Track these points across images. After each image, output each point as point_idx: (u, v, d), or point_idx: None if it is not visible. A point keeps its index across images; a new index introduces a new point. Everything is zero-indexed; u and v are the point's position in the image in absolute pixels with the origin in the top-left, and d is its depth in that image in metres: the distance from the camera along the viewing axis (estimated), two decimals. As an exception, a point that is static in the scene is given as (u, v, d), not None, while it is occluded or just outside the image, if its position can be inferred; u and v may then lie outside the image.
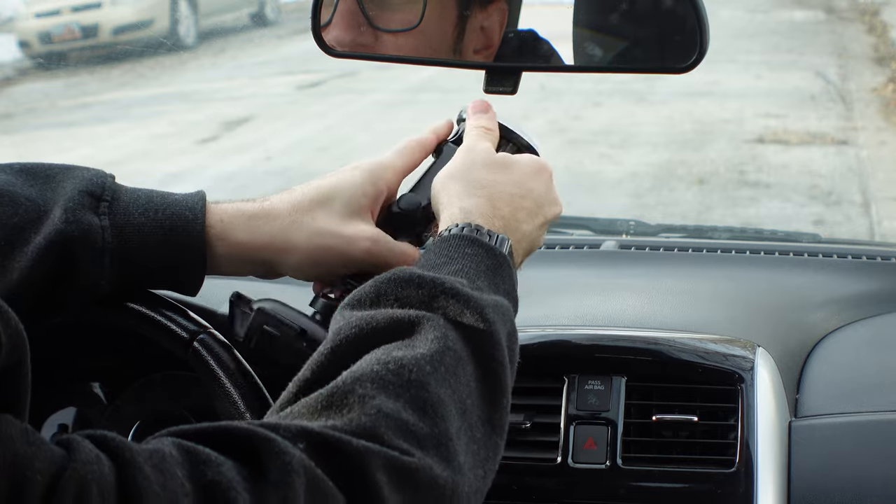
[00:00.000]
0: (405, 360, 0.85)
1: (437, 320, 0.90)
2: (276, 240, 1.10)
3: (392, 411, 0.82)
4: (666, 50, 1.13)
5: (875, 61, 8.54)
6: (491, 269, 0.98)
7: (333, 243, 1.10)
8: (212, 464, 0.74)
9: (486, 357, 0.90)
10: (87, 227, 1.06)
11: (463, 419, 0.86)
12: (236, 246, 1.10)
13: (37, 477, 0.66)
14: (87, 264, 1.06)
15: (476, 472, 0.86)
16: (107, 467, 0.69)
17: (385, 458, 0.79)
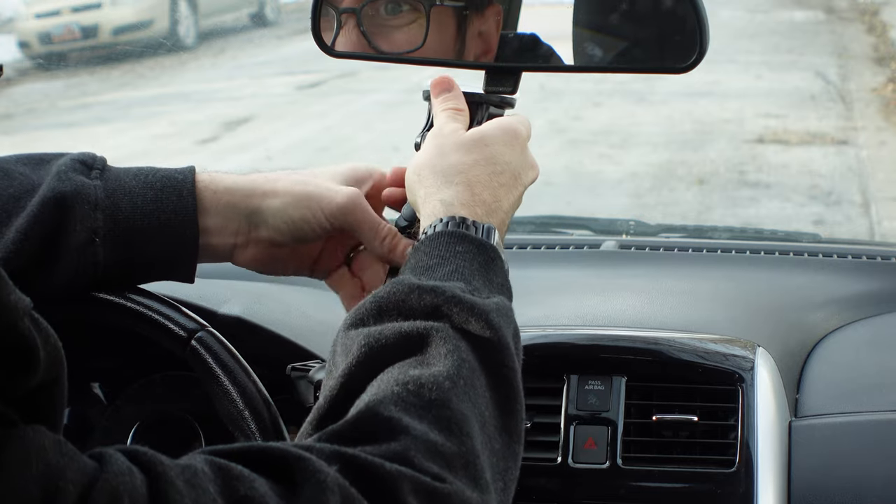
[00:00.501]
0: (423, 379, 0.85)
1: (445, 331, 0.89)
2: (260, 186, 1.13)
3: (419, 433, 0.81)
4: (666, 50, 1.13)
5: (875, 61, 8.54)
6: (483, 265, 0.97)
7: (315, 191, 1.12)
8: (244, 480, 0.73)
9: (497, 364, 0.90)
10: (80, 185, 1.09)
11: (484, 432, 0.86)
12: (224, 193, 1.12)
13: (69, 487, 0.65)
14: (82, 218, 1.09)
15: (496, 486, 0.86)
16: (139, 480, 0.69)
17: (417, 483, 0.79)
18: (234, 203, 1.13)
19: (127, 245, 1.11)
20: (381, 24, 1.14)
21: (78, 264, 1.10)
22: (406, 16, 1.13)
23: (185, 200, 1.11)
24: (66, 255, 1.09)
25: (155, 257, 1.12)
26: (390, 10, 1.13)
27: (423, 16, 1.13)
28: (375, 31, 1.14)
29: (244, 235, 1.14)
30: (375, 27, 1.14)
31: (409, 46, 1.15)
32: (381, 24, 1.14)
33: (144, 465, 0.71)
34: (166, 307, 1.17)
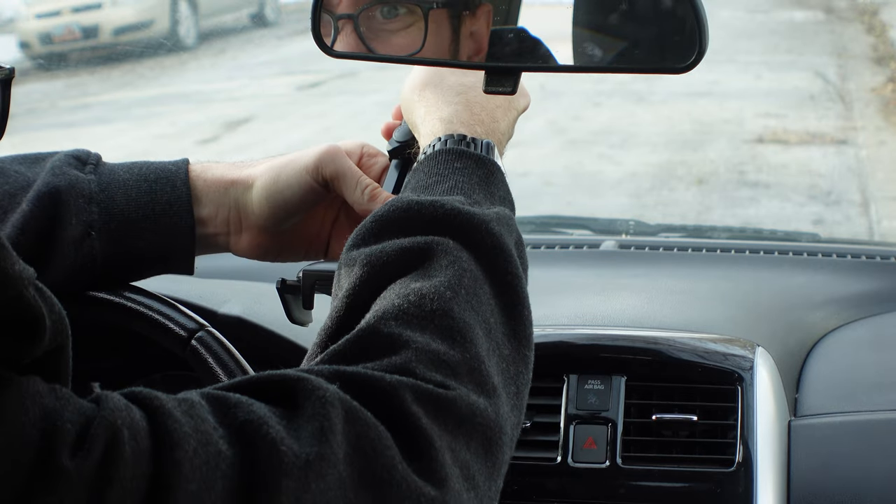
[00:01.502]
0: (424, 290, 0.85)
1: (446, 243, 0.89)
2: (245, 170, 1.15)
3: (421, 344, 0.82)
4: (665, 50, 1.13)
5: (874, 61, 8.53)
6: (484, 179, 0.97)
7: (293, 157, 1.14)
8: (243, 405, 0.74)
9: (500, 271, 0.90)
10: (74, 179, 1.11)
11: (490, 339, 0.86)
12: (213, 182, 1.14)
13: (67, 426, 0.66)
14: (77, 212, 1.10)
15: (509, 390, 0.86)
16: (137, 414, 0.70)
17: (420, 391, 0.79)
18: (222, 190, 1.14)
19: (123, 237, 1.12)
20: (378, 28, 1.14)
21: (76, 259, 1.10)
22: (403, 19, 1.13)
23: (178, 191, 1.12)
24: (62, 249, 1.10)
25: (151, 249, 1.13)
26: (387, 14, 1.13)
27: (421, 19, 1.13)
28: (373, 35, 1.15)
29: (236, 223, 1.15)
30: (373, 31, 1.15)
31: (408, 50, 1.15)
32: (378, 28, 1.14)
33: (141, 401, 0.71)
34: (166, 307, 1.17)
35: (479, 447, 0.81)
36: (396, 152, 1.13)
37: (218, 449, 0.71)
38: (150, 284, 1.19)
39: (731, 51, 8.30)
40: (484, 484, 0.81)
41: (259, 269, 1.64)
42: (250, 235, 1.15)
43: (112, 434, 0.68)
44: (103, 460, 0.67)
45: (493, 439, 0.82)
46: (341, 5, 1.14)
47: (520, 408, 0.88)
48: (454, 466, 0.79)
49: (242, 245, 1.16)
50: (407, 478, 0.75)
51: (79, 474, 0.65)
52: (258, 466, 0.71)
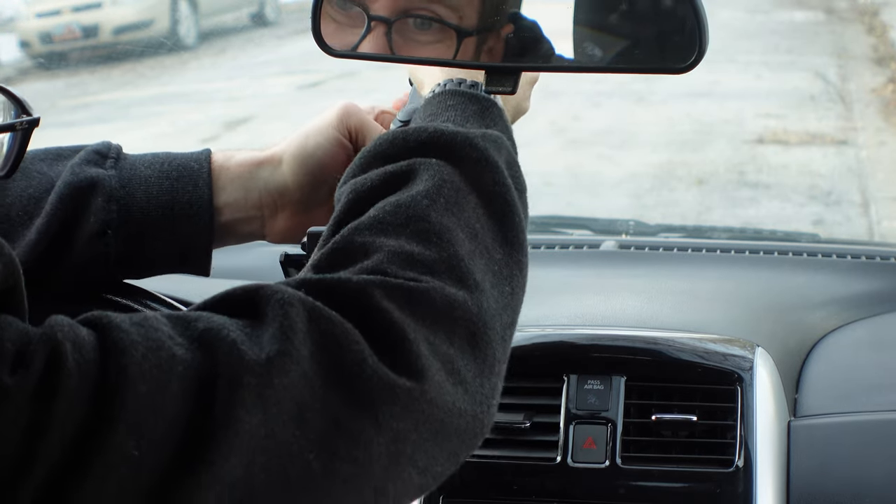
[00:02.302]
0: (401, 201, 0.85)
1: (427, 162, 0.88)
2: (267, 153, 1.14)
3: (394, 247, 0.81)
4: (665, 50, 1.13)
5: (875, 62, 8.53)
6: (478, 112, 0.97)
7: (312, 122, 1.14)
8: (202, 318, 0.73)
9: (486, 182, 0.89)
10: (94, 177, 1.10)
11: (475, 242, 0.85)
12: (237, 167, 1.13)
13: (6, 345, 0.66)
14: (96, 211, 1.09)
15: (502, 290, 0.85)
16: (84, 331, 0.70)
17: (389, 287, 0.78)
18: (248, 175, 1.13)
19: (140, 236, 1.11)
20: (409, 36, 1.14)
21: (89, 256, 1.10)
22: (435, 33, 1.14)
23: (200, 190, 1.12)
24: (77, 246, 1.10)
25: (168, 249, 1.12)
26: (420, 25, 1.14)
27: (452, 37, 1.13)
28: (402, 41, 1.15)
29: (270, 205, 1.14)
30: (403, 38, 1.15)
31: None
32: (409, 36, 1.14)
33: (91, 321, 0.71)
34: (171, 310, 1.17)
35: (464, 342, 0.80)
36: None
37: (172, 353, 0.70)
38: (153, 285, 1.19)
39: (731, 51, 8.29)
40: (474, 380, 0.80)
41: (261, 268, 1.64)
42: (287, 215, 1.14)
43: (53, 348, 0.67)
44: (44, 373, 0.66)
45: (478, 334, 0.81)
46: (378, 5, 1.14)
47: (513, 307, 0.87)
48: (433, 359, 0.77)
49: (278, 228, 1.15)
50: (378, 371, 0.74)
51: (19, 389, 0.65)
52: (218, 367, 0.70)
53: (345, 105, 1.13)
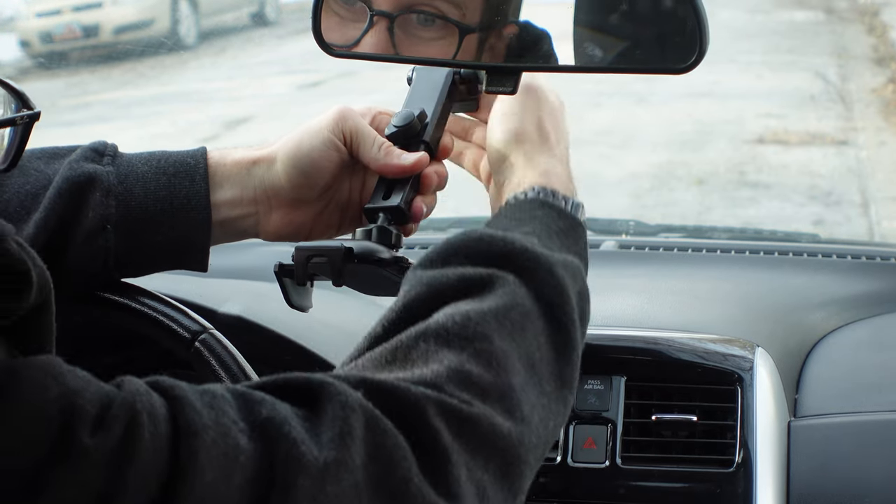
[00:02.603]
0: (471, 314, 0.86)
1: (506, 277, 0.90)
2: (263, 150, 1.14)
3: (454, 363, 0.82)
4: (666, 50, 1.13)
5: (875, 62, 8.53)
6: (563, 231, 0.98)
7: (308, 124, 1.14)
8: (266, 403, 0.74)
9: (557, 313, 0.91)
10: (92, 172, 1.11)
11: (531, 372, 0.86)
12: (233, 165, 1.14)
13: (87, 407, 0.67)
14: (94, 206, 1.10)
15: (546, 425, 0.86)
16: (157, 401, 0.70)
17: (443, 406, 0.79)
18: (245, 172, 1.14)
19: (139, 231, 1.11)
20: (412, 32, 1.14)
21: (89, 252, 1.11)
22: (437, 30, 1.14)
23: (197, 185, 1.12)
24: (76, 243, 1.10)
25: (168, 244, 1.13)
26: (423, 21, 1.14)
27: (454, 34, 1.13)
28: (404, 37, 1.15)
29: (264, 203, 1.14)
30: (405, 34, 1.15)
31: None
32: (412, 32, 1.14)
33: (163, 389, 0.72)
34: (171, 309, 1.17)
35: (498, 470, 0.82)
36: (394, 137, 1.13)
37: (237, 442, 0.71)
38: (152, 284, 1.19)
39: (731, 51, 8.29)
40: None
41: (258, 268, 1.63)
42: (281, 213, 1.14)
43: (131, 417, 0.68)
44: (123, 440, 0.67)
45: (513, 465, 0.83)
46: (381, 0, 1.14)
47: (550, 442, 0.89)
48: (469, 484, 0.79)
49: (273, 225, 1.15)
50: (422, 490, 0.76)
51: (98, 452, 0.66)
52: (276, 463, 0.71)
53: (341, 109, 1.14)
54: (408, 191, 1.09)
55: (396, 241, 1.07)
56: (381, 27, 1.14)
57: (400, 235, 1.07)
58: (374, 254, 1.03)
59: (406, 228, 1.09)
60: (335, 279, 1.02)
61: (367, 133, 1.12)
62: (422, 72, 1.16)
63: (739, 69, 8.00)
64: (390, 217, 1.08)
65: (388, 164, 1.10)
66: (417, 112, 1.13)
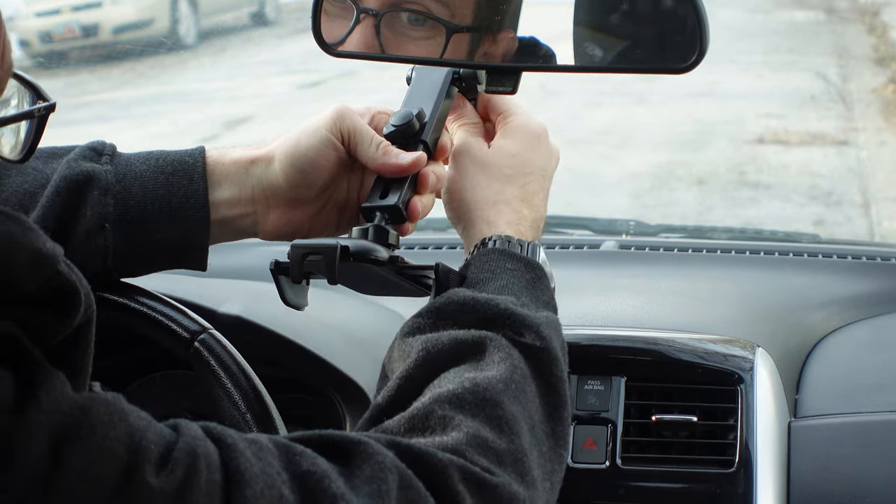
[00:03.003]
0: (479, 380, 0.90)
1: (499, 340, 0.94)
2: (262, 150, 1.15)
3: (471, 429, 0.86)
4: (666, 50, 1.13)
5: (875, 62, 8.53)
6: (531, 282, 1.02)
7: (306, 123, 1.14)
8: (307, 456, 0.78)
9: (547, 373, 0.95)
10: (91, 171, 1.11)
11: (532, 434, 0.91)
12: (231, 165, 1.14)
13: (151, 447, 0.70)
14: (93, 204, 1.10)
15: (545, 485, 0.91)
16: (211, 447, 0.74)
17: (468, 473, 0.83)
18: (243, 171, 1.13)
19: (138, 230, 1.11)
20: (400, 30, 1.14)
21: (87, 251, 1.10)
22: (426, 30, 1.14)
23: (196, 184, 1.12)
24: (74, 241, 1.10)
25: (166, 242, 1.12)
26: (413, 21, 1.14)
27: (443, 35, 1.13)
28: (392, 35, 1.14)
29: (262, 202, 1.14)
30: (393, 32, 1.15)
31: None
32: (400, 30, 1.14)
33: (215, 436, 0.75)
34: (170, 308, 1.17)
35: None
36: (393, 136, 1.12)
37: (281, 493, 0.74)
38: (151, 283, 1.19)
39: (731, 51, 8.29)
40: None
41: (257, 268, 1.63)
42: (279, 212, 1.14)
43: (191, 461, 0.71)
44: (184, 483, 0.70)
45: None
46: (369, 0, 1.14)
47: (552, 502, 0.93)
48: None
49: (271, 224, 1.14)
50: None
51: (162, 492, 0.69)
52: None
53: (339, 108, 1.13)
54: (405, 190, 1.09)
55: (393, 240, 1.06)
56: (367, 25, 1.14)
57: (397, 235, 1.07)
58: (370, 252, 1.03)
59: (403, 228, 1.09)
60: (330, 277, 1.02)
61: (364, 132, 1.12)
62: (421, 71, 1.16)
63: (740, 69, 8.00)
64: (387, 216, 1.08)
65: (386, 163, 1.10)
66: (416, 111, 1.12)
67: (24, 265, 0.69)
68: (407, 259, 1.04)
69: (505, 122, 1.14)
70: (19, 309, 0.69)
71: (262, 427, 1.12)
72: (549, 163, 1.13)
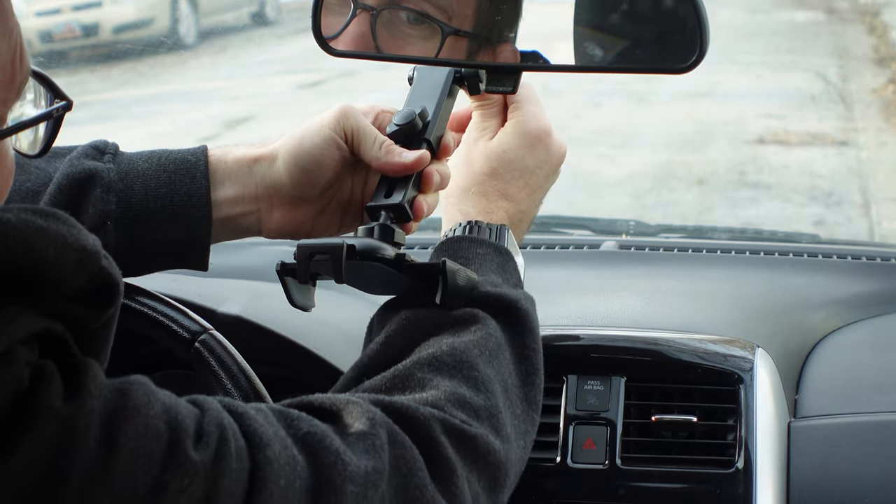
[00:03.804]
0: (456, 345, 0.96)
1: (476, 312, 1.00)
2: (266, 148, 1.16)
3: (449, 388, 0.92)
4: (666, 50, 1.13)
5: (875, 62, 8.53)
6: (500, 265, 1.08)
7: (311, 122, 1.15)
8: (304, 420, 0.83)
9: (520, 344, 1.02)
10: (93, 169, 1.12)
11: (506, 396, 0.97)
12: (234, 163, 1.15)
13: (186, 421, 0.74)
14: (95, 201, 1.11)
15: (518, 443, 0.97)
16: (230, 417, 0.79)
17: (448, 424, 0.89)
18: (246, 169, 1.14)
19: (140, 228, 1.11)
20: (397, 29, 1.14)
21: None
22: (424, 30, 1.14)
23: (198, 182, 1.12)
24: None
25: (168, 241, 1.12)
26: (412, 20, 1.14)
27: (439, 37, 1.14)
28: (388, 33, 1.14)
29: (266, 200, 1.14)
30: (389, 30, 1.15)
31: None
32: (397, 29, 1.14)
33: (227, 407, 0.80)
34: (170, 308, 1.17)
35: (487, 484, 0.92)
36: (396, 135, 1.12)
37: (292, 453, 0.79)
38: (151, 283, 1.19)
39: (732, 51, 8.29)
40: None
41: (258, 267, 1.63)
42: (282, 210, 1.14)
43: (221, 431, 0.76)
44: (217, 452, 0.74)
45: (499, 479, 0.93)
46: None
47: (523, 460, 1.00)
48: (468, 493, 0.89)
49: (274, 223, 1.15)
50: (434, 497, 0.85)
51: (203, 464, 0.73)
52: (323, 473, 0.80)
53: (343, 107, 1.14)
54: (409, 189, 1.09)
55: (399, 239, 1.07)
56: (363, 20, 1.14)
57: (402, 234, 1.07)
58: (377, 251, 1.03)
59: (407, 227, 1.09)
60: (337, 277, 1.02)
61: (368, 131, 1.12)
62: (423, 71, 1.16)
63: (740, 69, 8.00)
64: (392, 215, 1.08)
65: (389, 162, 1.10)
66: (419, 110, 1.12)
67: (71, 263, 0.72)
68: (412, 257, 1.04)
69: (510, 118, 1.16)
70: (65, 304, 0.72)
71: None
72: (545, 161, 1.15)
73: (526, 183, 1.14)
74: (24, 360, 0.69)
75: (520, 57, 1.16)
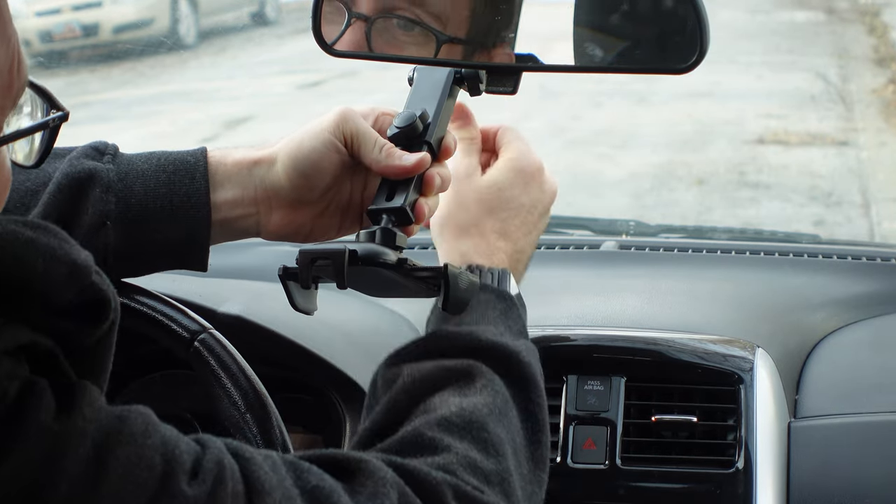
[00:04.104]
0: (465, 405, 0.94)
1: (480, 367, 0.97)
2: (265, 151, 1.15)
3: (461, 450, 0.90)
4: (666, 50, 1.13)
5: (875, 62, 8.53)
6: (503, 312, 1.05)
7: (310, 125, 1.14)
8: (314, 473, 0.81)
9: (525, 400, 0.99)
10: (92, 169, 1.11)
11: (515, 457, 0.94)
12: (234, 165, 1.14)
13: (184, 456, 0.73)
14: (94, 202, 1.10)
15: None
16: (232, 459, 0.77)
17: (460, 491, 0.87)
18: (246, 171, 1.13)
19: (139, 228, 1.11)
20: (390, 35, 1.14)
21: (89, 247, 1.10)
22: (417, 36, 1.14)
23: (197, 183, 1.12)
24: (75, 237, 1.09)
25: (168, 241, 1.12)
26: (404, 27, 1.14)
27: (433, 44, 1.14)
28: (383, 40, 1.14)
29: (265, 203, 1.13)
30: (384, 37, 1.15)
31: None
32: (390, 35, 1.14)
33: (233, 450, 0.78)
34: (170, 308, 1.17)
35: None
36: (397, 138, 1.12)
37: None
38: (151, 283, 1.19)
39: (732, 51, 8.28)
40: None
41: (258, 267, 1.63)
42: (281, 213, 1.14)
43: (219, 471, 0.74)
44: (212, 492, 0.73)
45: None
46: (359, 4, 1.14)
47: None
48: None
49: (273, 225, 1.14)
50: None
51: (196, 500, 0.72)
52: None
53: (342, 110, 1.13)
54: (411, 192, 1.09)
55: (401, 242, 1.07)
56: (358, 29, 1.14)
57: (404, 237, 1.07)
58: (379, 256, 1.03)
59: (408, 230, 1.09)
60: (339, 282, 1.02)
61: (368, 134, 1.12)
62: (423, 72, 1.16)
63: (740, 69, 8.00)
64: (394, 219, 1.08)
65: (390, 165, 1.10)
66: (419, 112, 1.12)
67: (61, 277, 0.71)
68: (414, 261, 1.04)
69: (501, 155, 1.15)
70: (54, 319, 0.71)
71: (262, 427, 1.12)
72: (539, 200, 1.14)
73: (523, 221, 1.12)
74: (9, 372, 0.68)
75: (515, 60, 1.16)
